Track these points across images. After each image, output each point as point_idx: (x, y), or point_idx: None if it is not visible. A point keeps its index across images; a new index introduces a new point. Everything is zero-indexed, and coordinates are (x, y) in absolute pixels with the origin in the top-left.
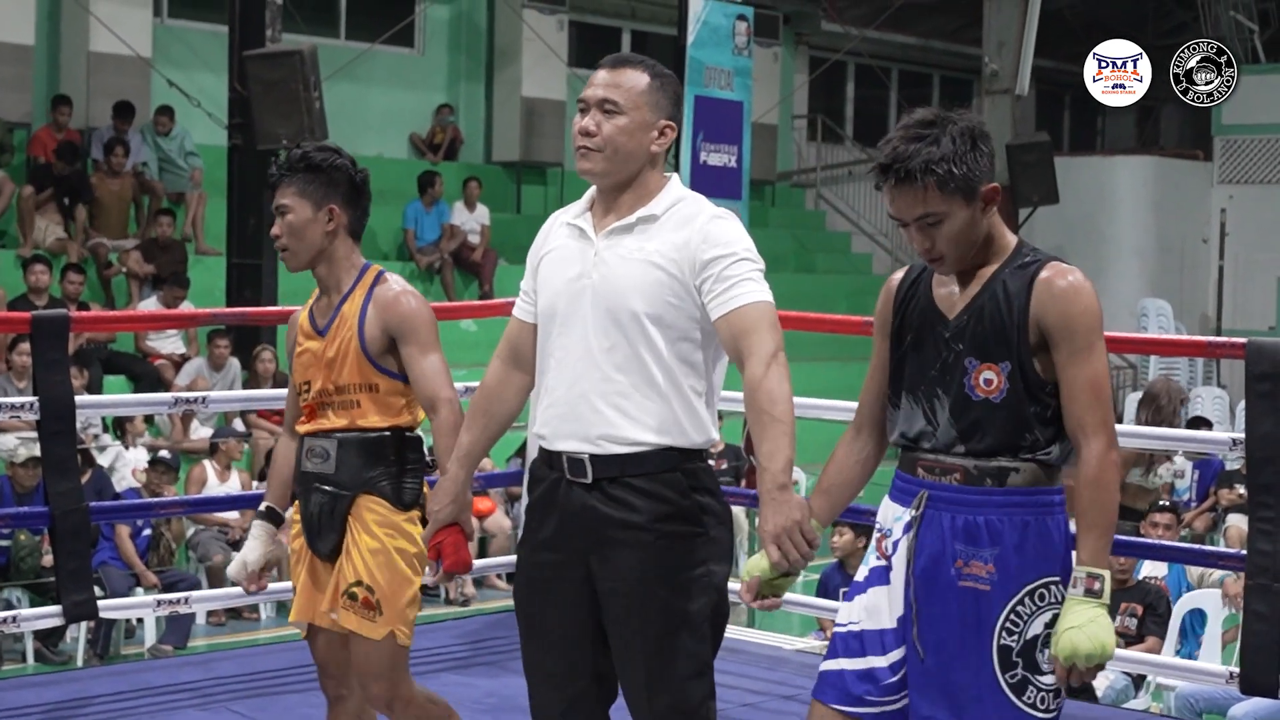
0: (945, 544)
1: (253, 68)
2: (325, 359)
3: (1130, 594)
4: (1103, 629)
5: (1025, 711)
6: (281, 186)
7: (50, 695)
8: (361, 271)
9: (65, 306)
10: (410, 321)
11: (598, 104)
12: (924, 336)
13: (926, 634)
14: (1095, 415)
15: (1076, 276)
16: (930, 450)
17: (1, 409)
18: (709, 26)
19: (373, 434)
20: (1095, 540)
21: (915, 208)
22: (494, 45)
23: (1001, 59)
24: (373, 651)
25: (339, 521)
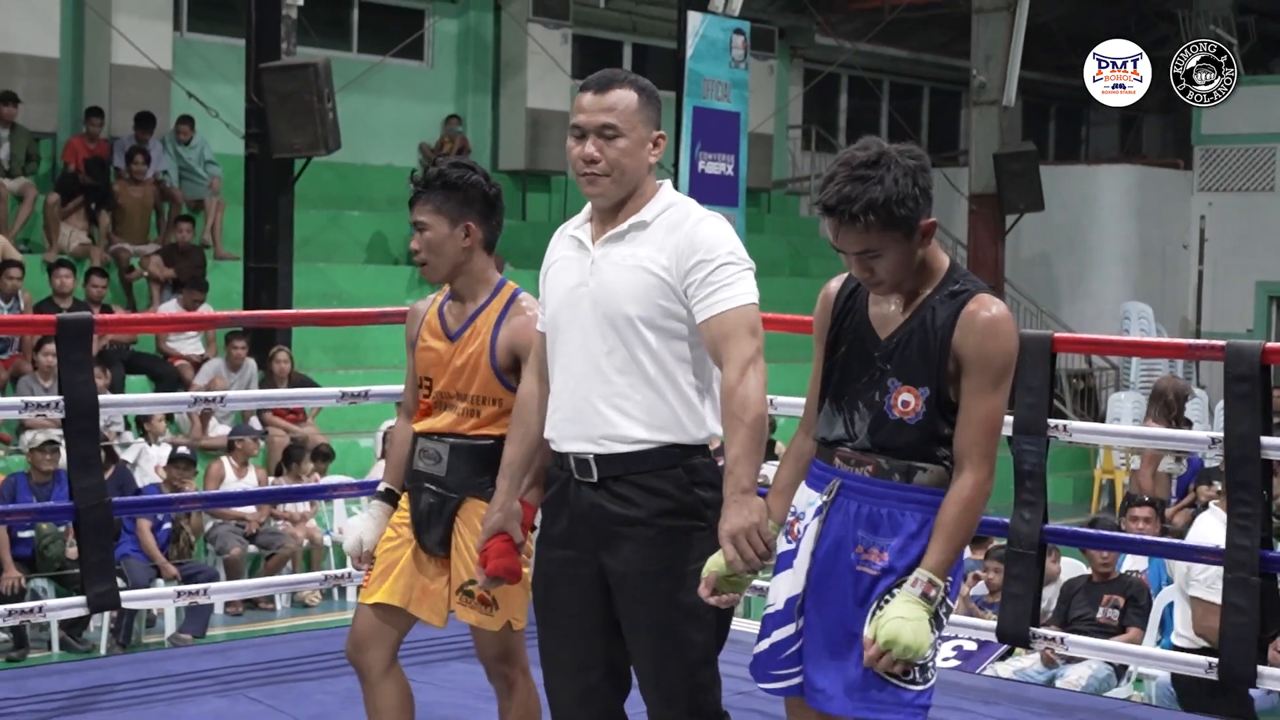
0: (849, 530)
1: (269, 79)
2: (453, 364)
3: (1113, 586)
4: (925, 630)
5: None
6: (419, 203)
7: (74, 682)
8: (498, 287)
9: (89, 309)
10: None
11: (596, 130)
12: (855, 351)
13: (816, 610)
14: (983, 447)
15: (998, 311)
16: (846, 444)
17: (28, 408)
18: (707, 40)
19: (483, 441)
20: (945, 553)
21: (857, 244)
22: (500, 58)
23: (989, 71)
24: (494, 640)
25: (446, 520)
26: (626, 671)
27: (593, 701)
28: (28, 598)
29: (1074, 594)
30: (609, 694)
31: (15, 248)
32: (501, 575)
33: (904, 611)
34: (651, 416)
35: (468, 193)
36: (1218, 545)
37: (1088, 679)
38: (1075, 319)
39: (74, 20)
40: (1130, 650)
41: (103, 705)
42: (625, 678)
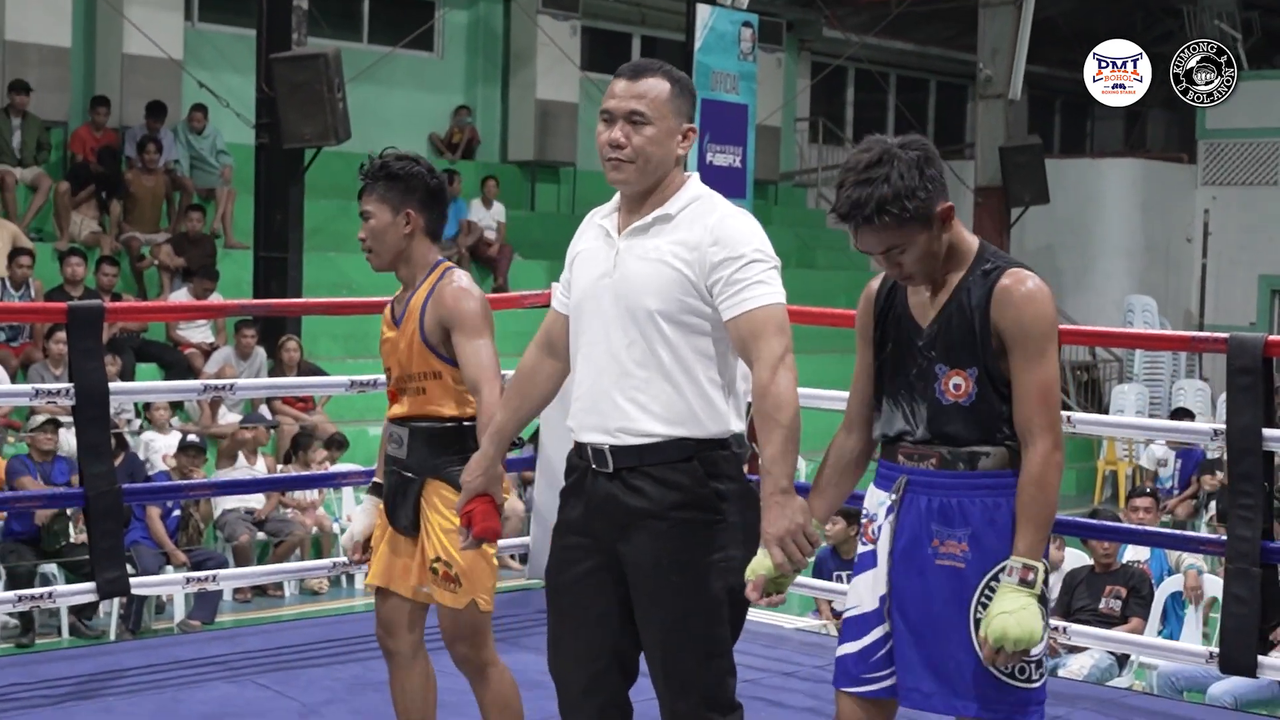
0: (922, 525)
1: (279, 70)
2: (399, 349)
3: (1115, 577)
4: (1032, 616)
5: (1004, 681)
6: (365, 194)
7: (84, 668)
8: (432, 268)
9: (100, 297)
10: (459, 312)
11: (625, 116)
12: (901, 344)
13: (907, 611)
14: (1043, 418)
15: (1033, 284)
16: (909, 441)
17: (39, 395)
18: (716, 33)
19: (440, 424)
20: (1033, 534)
21: (879, 244)
22: (510, 50)
23: (995, 65)
24: (457, 617)
25: (412, 501)
26: (634, 660)
27: (599, 690)
28: (37, 583)
29: (1076, 584)
30: (616, 683)
31: (27, 236)
32: (487, 537)
33: (1006, 605)
34: (667, 411)
35: (410, 183)
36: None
37: (1090, 668)
38: (1079, 311)
39: (85, 10)
40: (1132, 640)
41: (112, 690)
42: (633, 667)
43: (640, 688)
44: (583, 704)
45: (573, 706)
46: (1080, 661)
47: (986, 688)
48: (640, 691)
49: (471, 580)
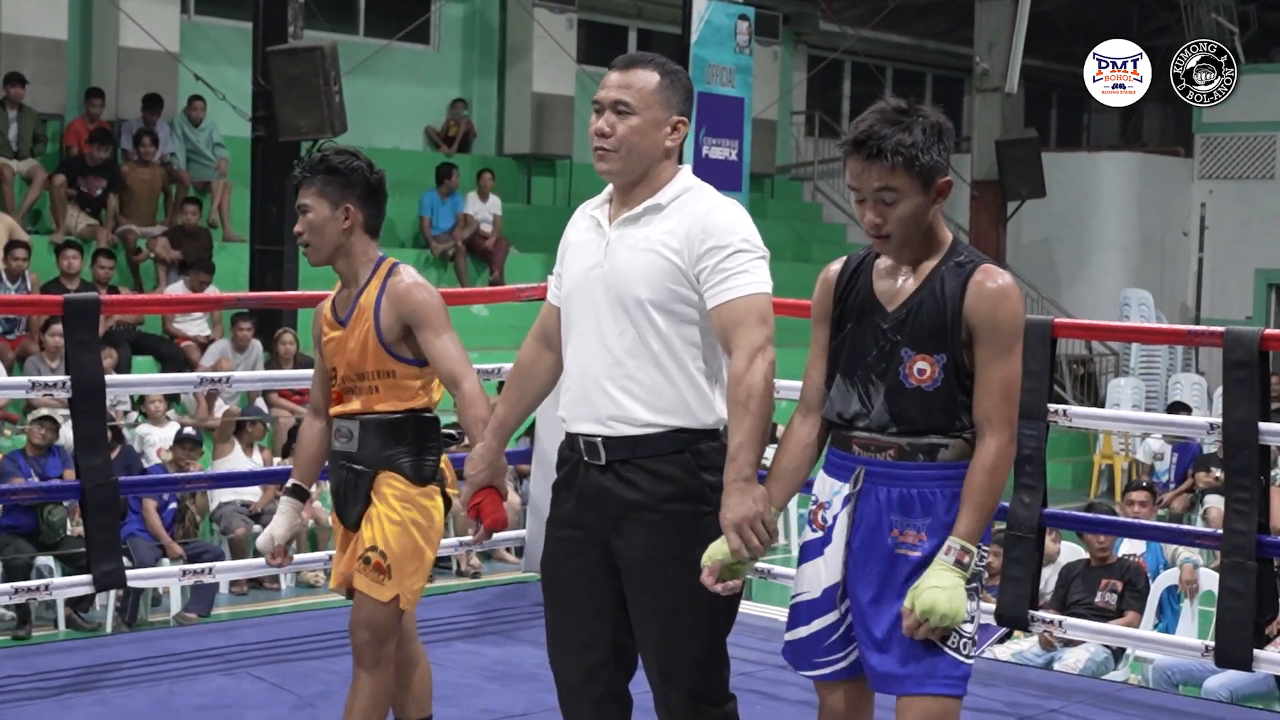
0: (882, 515)
1: (275, 63)
2: (347, 348)
3: (1110, 570)
4: (961, 596)
5: (951, 655)
6: (303, 187)
7: (80, 660)
8: (376, 264)
9: (96, 290)
10: (422, 309)
11: (611, 105)
12: (863, 325)
13: (861, 598)
14: (1004, 411)
15: (1005, 280)
16: (865, 429)
17: (35, 387)
18: (712, 26)
19: (390, 416)
20: (975, 520)
21: (878, 181)
22: (506, 42)
23: (992, 58)
24: (374, 609)
25: (363, 495)
26: (632, 652)
27: (598, 681)
28: (34, 575)
29: (1072, 578)
30: (614, 674)
31: (23, 228)
32: (497, 528)
33: (939, 580)
34: (659, 399)
35: (349, 177)
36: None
37: (1085, 662)
38: (1075, 305)
39: (82, 2)
40: (1128, 634)
41: (108, 683)
42: (631, 658)
43: (637, 680)
44: (581, 696)
45: (572, 698)
46: (1075, 655)
47: (940, 665)
48: (637, 684)
49: (401, 575)
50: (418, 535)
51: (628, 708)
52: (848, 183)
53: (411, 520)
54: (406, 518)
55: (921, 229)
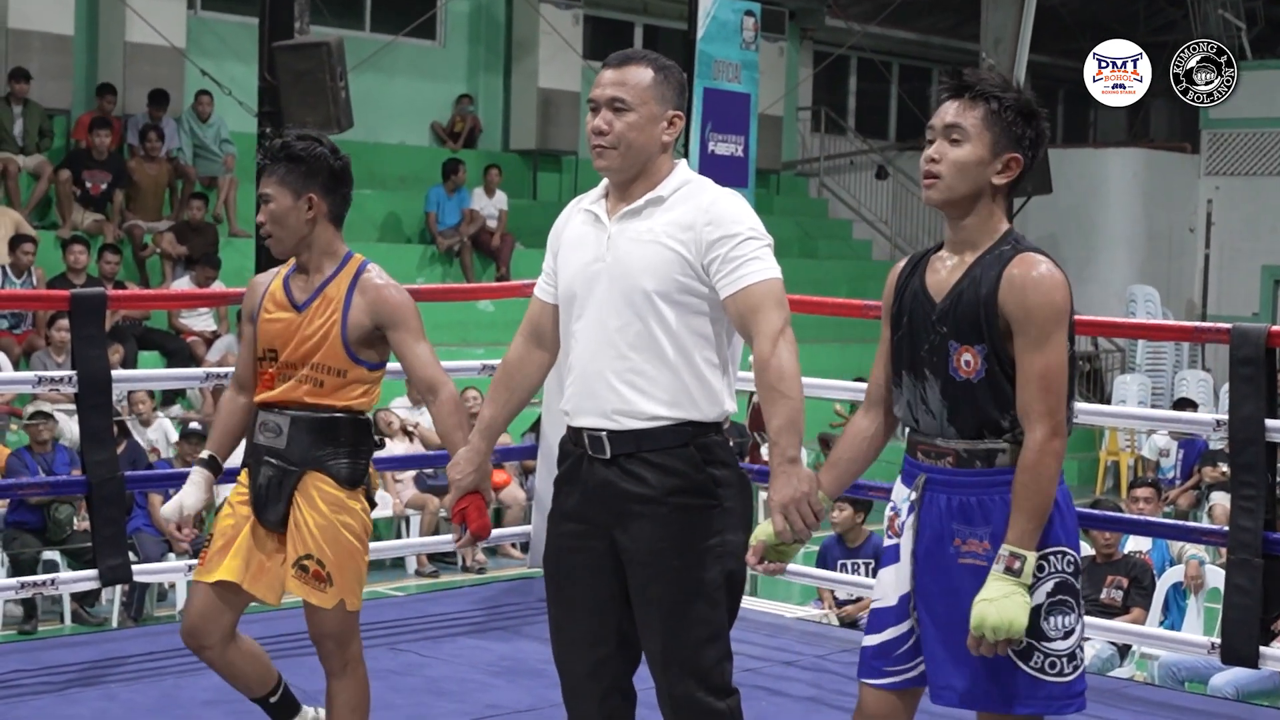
0: (944, 524)
1: (282, 58)
2: (301, 334)
3: (1116, 567)
4: (1014, 605)
5: (1033, 675)
6: (265, 176)
7: (86, 654)
8: (345, 258)
9: (102, 285)
10: (401, 311)
11: (607, 103)
12: (916, 319)
13: (934, 609)
14: (1042, 404)
15: (1044, 269)
16: (925, 434)
17: (41, 382)
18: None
19: (325, 414)
20: (1024, 523)
21: (953, 117)
22: (512, 38)
23: (998, 54)
24: (324, 618)
25: (286, 495)
26: (637, 646)
27: (603, 675)
28: (40, 570)
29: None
30: (619, 668)
31: (29, 223)
32: (482, 535)
33: (988, 592)
34: (665, 393)
35: (312, 165)
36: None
37: (1091, 658)
38: (1082, 301)
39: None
40: (1134, 630)
41: (113, 677)
42: (635, 652)
43: (641, 673)
44: (586, 690)
45: (576, 693)
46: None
47: (1017, 683)
48: (640, 678)
49: (342, 579)
50: (350, 537)
51: (632, 701)
52: (928, 126)
53: (342, 523)
54: (336, 521)
55: (971, 189)
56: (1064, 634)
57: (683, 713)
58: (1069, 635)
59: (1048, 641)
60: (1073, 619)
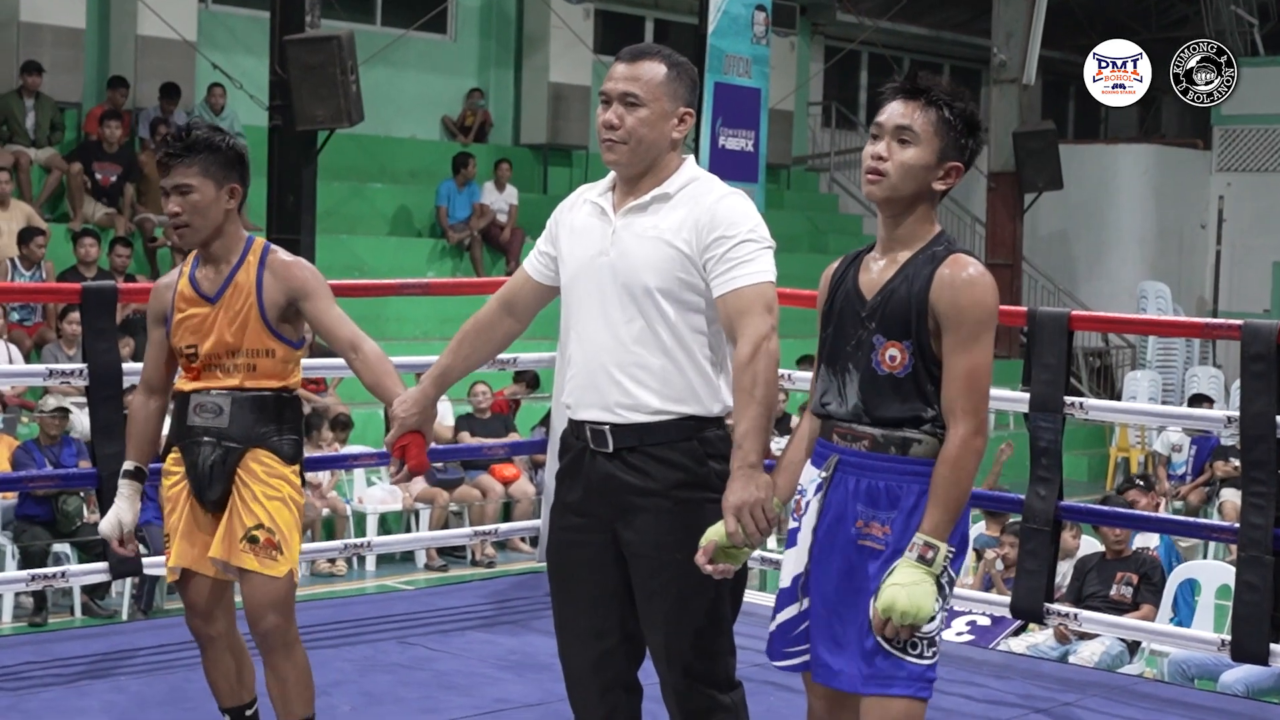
0: (848, 504)
1: (293, 52)
2: (218, 325)
3: (1126, 563)
4: (923, 593)
5: (898, 657)
6: (181, 165)
7: (96, 647)
8: (248, 244)
9: (113, 278)
10: (310, 282)
11: (619, 97)
12: (846, 316)
13: (822, 588)
14: (967, 402)
15: (974, 270)
16: (843, 419)
17: (52, 375)
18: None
19: (262, 393)
20: (940, 515)
21: (903, 118)
22: (523, 32)
23: (1009, 50)
24: (274, 588)
25: (229, 472)
26: (640, 639)
27: (607, 669)
28: (50, 563)
29: (1088, 571)
30: (623, 661)
31: (40, 216)
32: (420, 472)
33: (899, 578)
34: (667, 387)
35: (229, 155)
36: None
37: (1100, 655)
38: (1092, 297)
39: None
40: (1143, 627)
41: (123, 670)
42: (639, 646)
43: (647, 668)
44: (589, 684)
45: (579, 687)
46: (1091, 648)
47: (885, 664)
48: (646, 673)
49: (289, 550)
50: (294, 510)
51: (637, 696)
52: (874, 123)
53: (288, 495)
54: (285, 492)
55: (914, 191)
56: (933, 617)
57: (687, 706)
58: (932, 620)
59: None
60: (940, 604)
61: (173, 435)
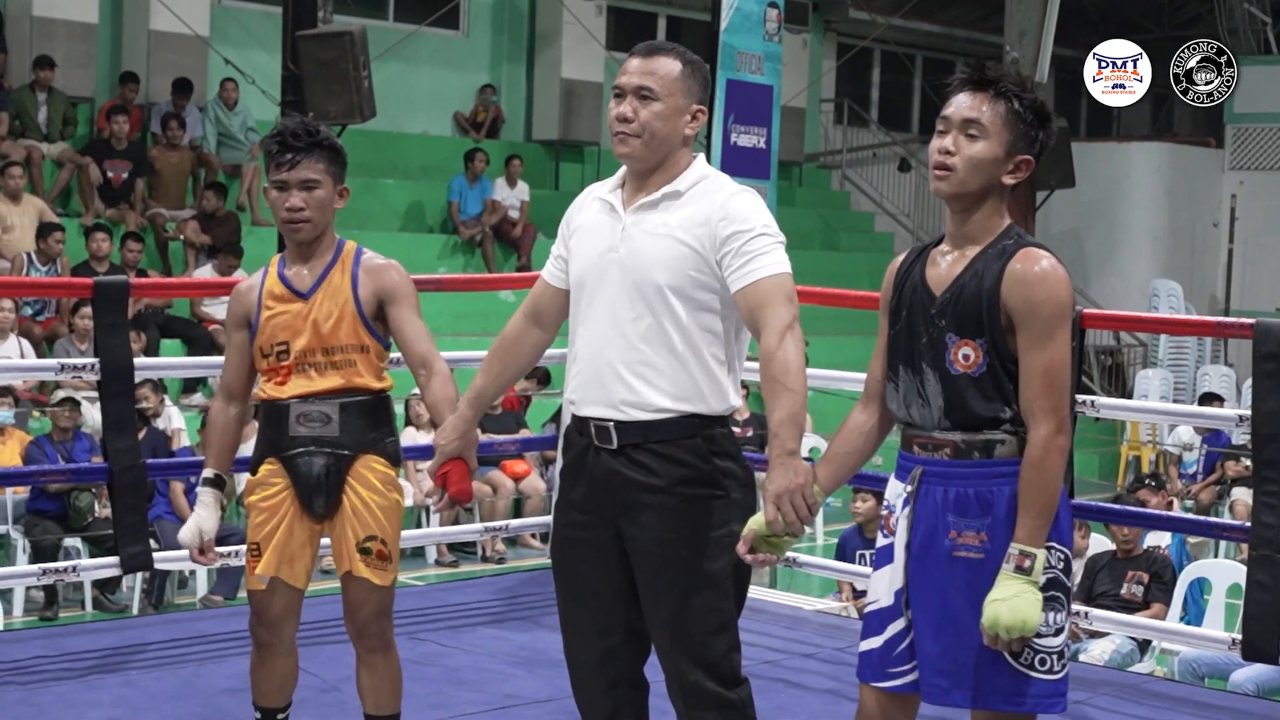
0: (939, 516)
1: (305, 47)
2: (313, 320)
3: (1137, 562)
4: (1026, 604)
5: (1023, 672)
6: (308, 161)
7: (107, 641)
8: (341, 244)
9: (125, 273)
10: (402, 287)
11: (634, 91)
12: (915, 313)
13: (926, 604)
14: (1046, 401)
15: (1046, 264)
16: (922, 427)
17: (64, 369)
18: (741, 13)
19: (369, 396)
20: (1031, 520)
21: (969, 111)
22: (535, 28)
23: (1022, 47)
24: (380, 596)
25: (342, 481)
26: (646, 636)
27: (612, 665)
28: (61, 557)
29: (1098, 569)
30: (628, 658)
31: (53, 211)
32: (462, 499)
33: (999, 592)
34: (674, 386)
35: (343, 157)
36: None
37: (1111, 654)
38: (1104, 295)
39: None
40: (1154, 626)
41: (134, 664)
42: (645, 642)
43: (653, 663)
44: (594, 680)
45: (584, 683)
46: (1101, 647)
47: (1006, 680)
48: (653, 669)
49: (397, 559)
50: (398, 518)
51: (643, 691)
52: (940, 116)
53: (396, 502)
54: (392, 500)
55: (982, 186)
56: (1055, 631)
57: (693, 703)
58: (1060, 632)
59: (1039, 638)
60: (1063, 616)
61: (268, 446)
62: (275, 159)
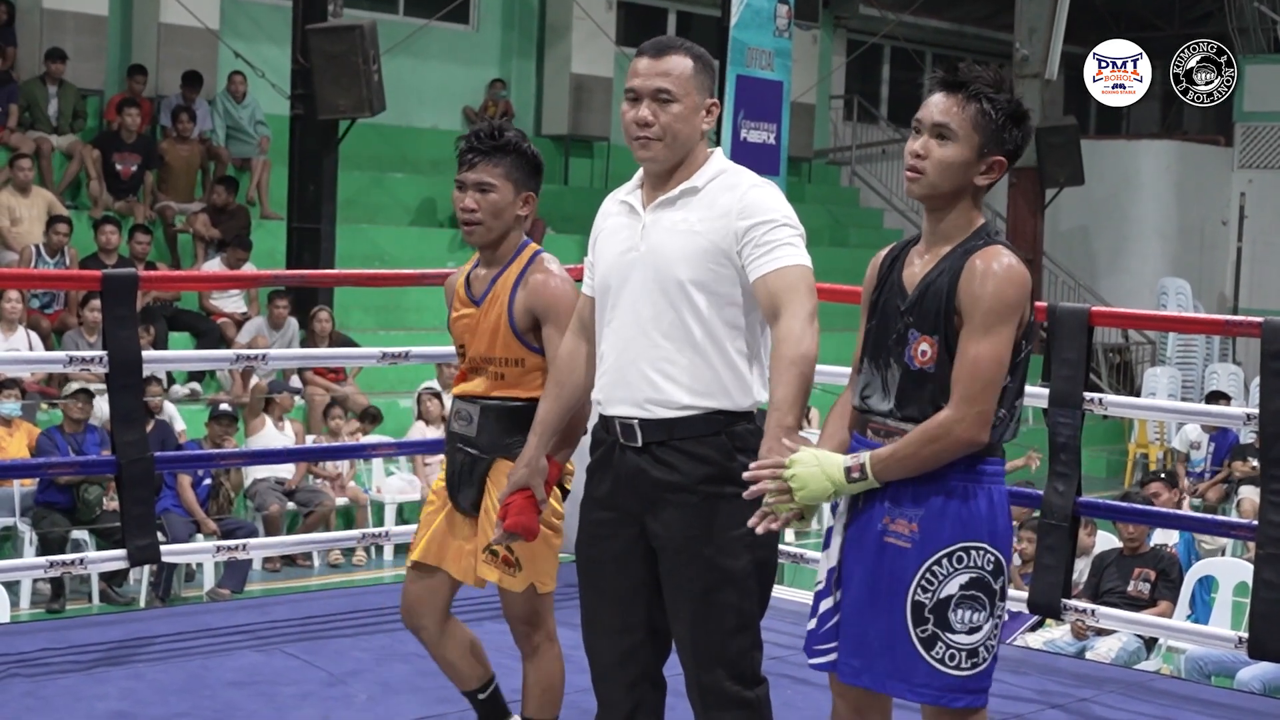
0: (876, 502)
1: (315, 41)
2: (480, 329)
3: (1144, 559)
4: (820, 484)
5: (933, 665)
6: (486, 164)
7: (114, 634)
8: (520, 249)
9: (134, 266)
10: (555, 307)
11: (651, 94)
12: (888, 310)
13: (851, 586)
14: (964, 388)
15: (1003, 262)
16: (879, 415)
17: (73, 362)
18: (752, 9)
19: (513, 403)
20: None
21: (940, 115)
22: (545, 23)
23: (1032, 44)
24: (513, 600)
25: (478, 481)
26: (667, 634)
27: (633, 663)
28: (69, 549)
29: (1105, 567)
30: (649, 656)
31: (62, 204)
32: (518, 531)
33: (825, 460)
34: (697, 382)
35: (533, 162)
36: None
37: (1117, 651)
38: (1113, 293)
39: None
40: (1160, 623)
41: (141, 657)
42: (666, 640)
43: (671, 662)
44: (615, 677)
45: (605, 680)
46: (1108, 644)
47: (912, 669)
48: (671, 668)
49: (531, 563)
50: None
51: (661, 690)
52: (915, 118)
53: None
54: None
55: (954, 188)
56: (968, 629)
57: (711, 701)
58: (973, 632)
59: (951, 633)
60: (982, 617)
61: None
62: (460, 158)
